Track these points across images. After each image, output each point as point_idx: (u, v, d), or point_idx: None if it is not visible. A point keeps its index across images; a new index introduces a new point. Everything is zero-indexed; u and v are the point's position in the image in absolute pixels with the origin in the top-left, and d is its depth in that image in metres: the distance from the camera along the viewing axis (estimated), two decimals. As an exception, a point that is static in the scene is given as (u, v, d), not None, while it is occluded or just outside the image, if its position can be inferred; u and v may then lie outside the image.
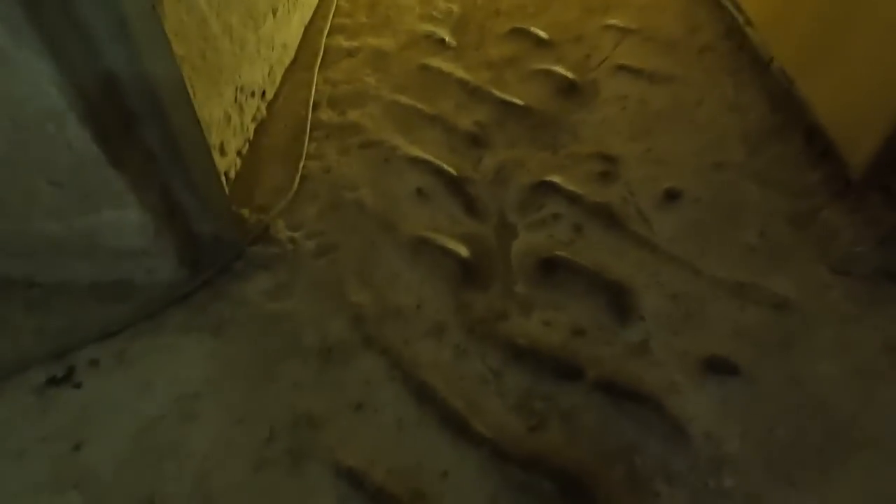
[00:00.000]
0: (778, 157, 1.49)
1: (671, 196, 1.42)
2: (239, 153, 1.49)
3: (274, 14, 1.71)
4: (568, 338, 1.16)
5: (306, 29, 2.02)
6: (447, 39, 1.98)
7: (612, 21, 2.03)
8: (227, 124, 1.42)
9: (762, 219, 1.35)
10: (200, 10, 1.28)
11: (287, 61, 1.84)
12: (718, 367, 1.09)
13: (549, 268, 1.29)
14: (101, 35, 0.94)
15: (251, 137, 1.57)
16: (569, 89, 1.77)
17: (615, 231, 1.36)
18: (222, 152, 1.39)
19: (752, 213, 1.36)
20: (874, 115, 1.25)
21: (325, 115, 1.68)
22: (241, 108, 1.51)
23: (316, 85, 1.78)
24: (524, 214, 1.42)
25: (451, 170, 1.51)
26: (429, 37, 2.00)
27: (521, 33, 2.01)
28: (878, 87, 1.25)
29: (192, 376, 1.09)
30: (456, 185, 1.49)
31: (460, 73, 1.84)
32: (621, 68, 1.83)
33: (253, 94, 1.59)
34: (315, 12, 2.10)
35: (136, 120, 1.04)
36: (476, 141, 1.62)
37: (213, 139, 1.33)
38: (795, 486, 0.95)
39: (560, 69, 1.83)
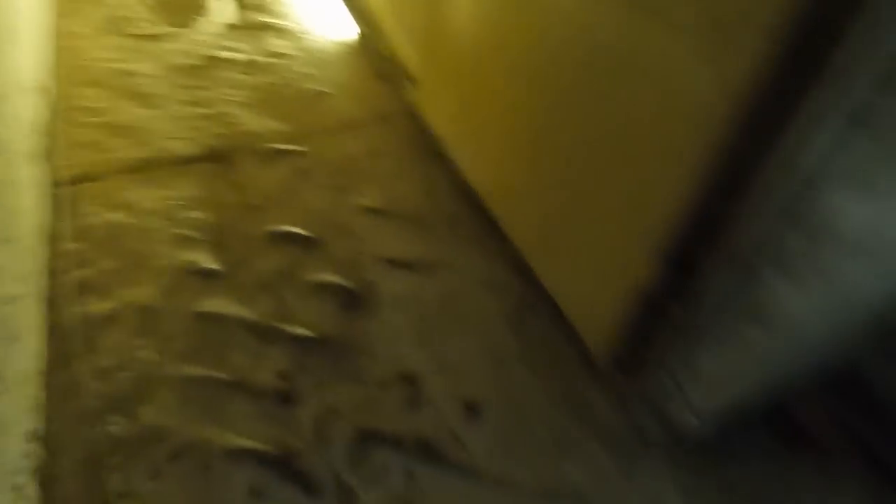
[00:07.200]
0: (539, 339, 1.82)
1: (472, 410, 1.66)
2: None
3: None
4: None
5: (50, 301, 1.79)
6: (212, 266, 1.94)
7: (365, 201, 2.19)
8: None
9: (547, 412, 1.67)
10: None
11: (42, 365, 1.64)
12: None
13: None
14: None
15: None
16: (352, 303, 1.89)
17: (440, 466, 1.55)
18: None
19: (537, 409, 1.67)
20: (602, 308, 1.62)
21: (116, 426, 1.56)
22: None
23: (87, 386, 1.62)
24: (357, 473, 1.54)
25: (274, 450, 1.55)
26: (192, 270, 1.93)
27: (283, 236, 2.06)
28: (604, 278, 1.60)
29: None
30: (286, 467, 1.53)
31: (241, 310, 1.84)
32: (391, 263, 2.00)
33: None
34: (52, 279, 1.86)
35: None
36: (285, 398, 1.66)
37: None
38: None
39: (337, 279, 1.94)
